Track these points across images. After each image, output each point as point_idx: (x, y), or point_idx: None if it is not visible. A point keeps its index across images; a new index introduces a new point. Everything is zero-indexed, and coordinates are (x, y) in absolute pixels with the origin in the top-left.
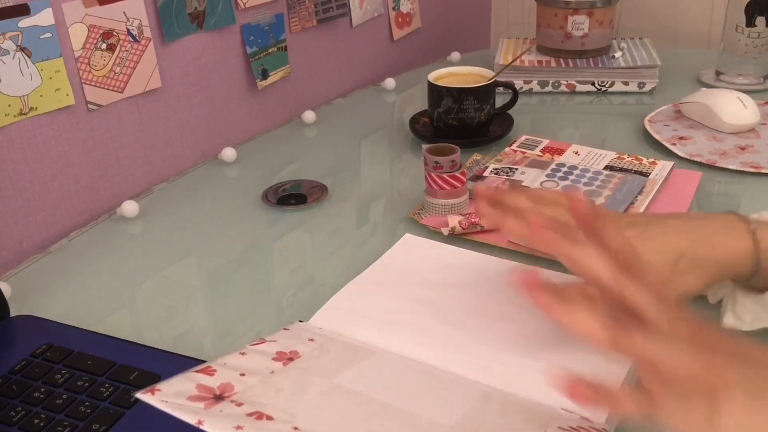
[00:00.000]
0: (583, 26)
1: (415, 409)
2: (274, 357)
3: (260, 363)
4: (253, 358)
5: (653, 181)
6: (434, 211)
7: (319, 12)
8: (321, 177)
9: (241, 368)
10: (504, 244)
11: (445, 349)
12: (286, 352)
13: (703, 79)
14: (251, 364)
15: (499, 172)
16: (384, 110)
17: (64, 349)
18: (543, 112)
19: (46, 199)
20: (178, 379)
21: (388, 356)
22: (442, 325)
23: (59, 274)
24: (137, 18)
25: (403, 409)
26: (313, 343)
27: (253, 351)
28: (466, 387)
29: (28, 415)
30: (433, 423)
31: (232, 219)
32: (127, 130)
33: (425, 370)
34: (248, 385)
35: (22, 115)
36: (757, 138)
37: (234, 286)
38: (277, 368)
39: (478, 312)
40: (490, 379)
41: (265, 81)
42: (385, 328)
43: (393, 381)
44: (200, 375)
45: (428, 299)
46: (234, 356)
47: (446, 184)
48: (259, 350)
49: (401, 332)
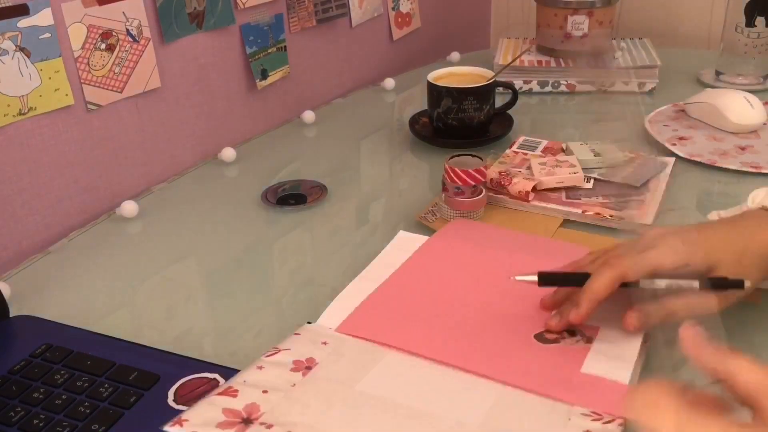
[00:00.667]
0: (583, 26)
1: (440, 411)
2: (292, 368)
3: (280, 376)
4: (271, 372)
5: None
6: (449, 218)
7: (319, 12)
8: (320, 177)
9: (262, 384)
10: None
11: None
12: (302, 360)
13: (703, 79)
14: (271, 378)
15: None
16: (383, 110)
17: (63, 349)
18: (543, 112)
19: (45, 199)
20: (203, 406)
21: (401, 355)
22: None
23: (59, 274)
24: (136, 18)
25: (428, 412)
26: (327, 346)
27: (269, 363)
28: (482, 384)
29: (27, 415)
30: (460, 424)
31: (232, 219)
32: (127, 130)
33: (440, 367)
34: (273, 403)
35: (21, 115)
36: (757, 138)
37: (233, 286)
38: (298, 380)
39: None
40: (502, 374)
41: (264, 81)
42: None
43: (412, 382)
44: (223, 398)
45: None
46: (252, 371)
47: (465, 200)
48: (275, 362)
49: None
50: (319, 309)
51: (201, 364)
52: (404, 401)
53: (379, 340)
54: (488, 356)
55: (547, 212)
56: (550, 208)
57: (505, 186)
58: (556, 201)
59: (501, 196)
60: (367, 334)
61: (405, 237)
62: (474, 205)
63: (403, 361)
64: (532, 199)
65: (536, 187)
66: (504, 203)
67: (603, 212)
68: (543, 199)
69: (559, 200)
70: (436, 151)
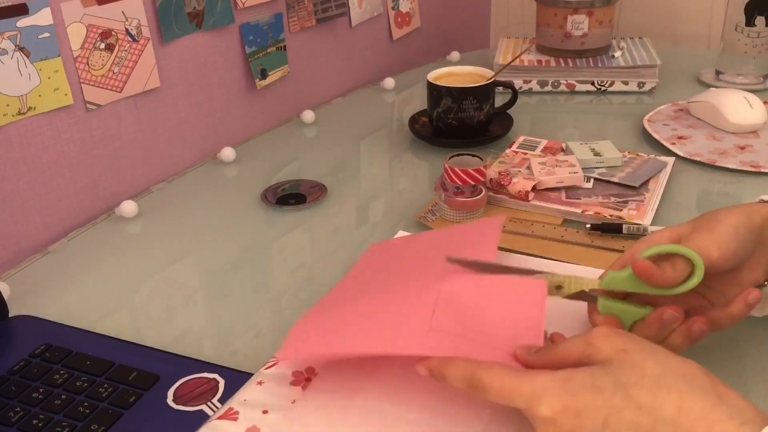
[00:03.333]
0: (583, 26)
1: (442, 424)
2: (292, 381)
3: (279, 392)
4: (271, 388)
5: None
6: (449, 218)
7: (318, 11)
8: (320, 177)
9: (262, 404)
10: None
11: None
12: (302, 371)
13: (703, 79)
14: (271, 396)
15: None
16: (383, 110)
17: (62, 349)
18: (542, 112)
19: (44, 199)
20: (204, 431)
21: (400, 357)
22: None
23: (58, 274)
24: (136, 18)
25: (432, 425)
26: None
27: (269, 376)
28: None
29: (27, 415)
30: None
31: (232, 219)
32: (126, 129)
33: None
34: (274, 424)
35: (20, 114)
36: (757, 138)
37: (233, 286)
38: (298, 395)
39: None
40: None
41: (264, 81)
42: None
43: (414, 392)
44: (224, 422)
45: None
46: (252, 387)
47: (465, 200)
48: (275, 375)
49: None
50: None
51: (200, 364)
52: (405, 414)
53: (325, 351)
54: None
55: (547, 212)
56: (549, 207)
57: (504, 186)
58: (555, 201)
59: (501, 196)
60: (310, 352)
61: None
62: (474, 205)
63: (402, 364)
64: (531, 199)
65: (536, 186)
66: (504, 203)
67: (603, 212)
68: (543, 198)
69: (559, 200)
70: (436, 151)
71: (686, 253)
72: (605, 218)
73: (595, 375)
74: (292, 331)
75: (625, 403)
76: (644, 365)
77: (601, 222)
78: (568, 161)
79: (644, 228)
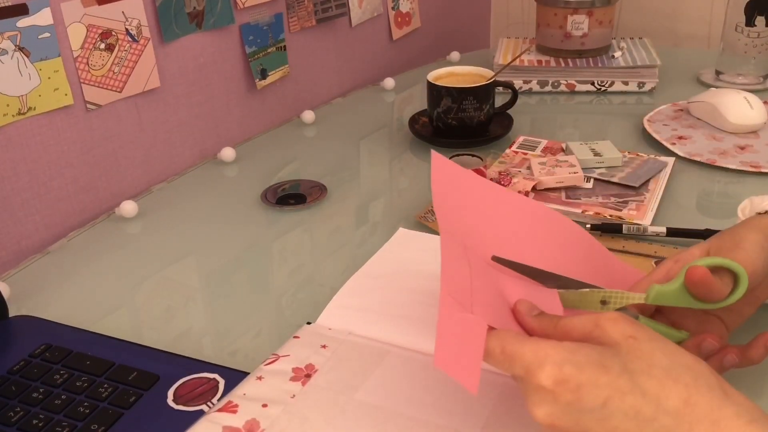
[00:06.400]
0: (583, 26)
1: (441, 420)
2: (292, 376)
3: (279, 387)
4: (271, 382)
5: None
6: None
7: (318, 12)
8: (320, 177)
9: (261, 398)
10: None
11: None
12: (302, 367)
13: (703, 79)
14: (270, 390)
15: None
16: (383, 110)
17: (62, 349)
18: (542, 112)
19: (44, 199)
20: (203, 424)
21: (401, 355)
22: None
23: (58, 274)
24: (136, 18)
25: (431, 421)
26: (326, 350)
27: (269, 373)
28: (481, 391)
29: (27, 415)
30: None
31: (231, 219)
32: (126, 129)
33: (439, 371)
34: (273, 418)
35: (20, 114)
36: (757, 138)
37: (233, 286)
38: (297, 390)
39: None
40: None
41: (264, 81)
42: (393, 323)
43: (413, 388)
44: (223, 414)
45: (428, 290)
46: (252, 382)
47: None
48: (274, 370)
49: (409, 326)
50: (318, 309)
51: (200, 364)
52: (405, 411)
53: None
54: None
55: None
56: (549, 207)
57: (504, 186)
58: (555, 201)
59: None
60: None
61: (405, 234)
62: None
63: (403, 362)
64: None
65: (536, 186)
66: None
67: (603, 212)
68: (543, 198)
69: (559, 200)
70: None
71: (731, 266)
72: (605, 218)
73: (604, 354)
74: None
75: (630, 387)
76: (653, 354)
77: (601, 222)
78: (568, 161)
79: (644, 228)
